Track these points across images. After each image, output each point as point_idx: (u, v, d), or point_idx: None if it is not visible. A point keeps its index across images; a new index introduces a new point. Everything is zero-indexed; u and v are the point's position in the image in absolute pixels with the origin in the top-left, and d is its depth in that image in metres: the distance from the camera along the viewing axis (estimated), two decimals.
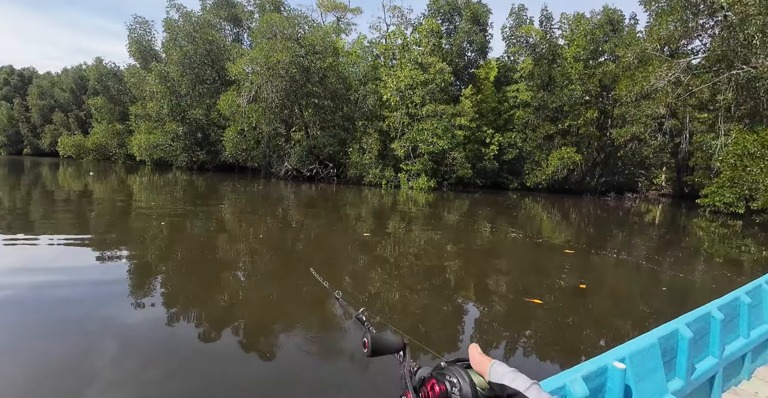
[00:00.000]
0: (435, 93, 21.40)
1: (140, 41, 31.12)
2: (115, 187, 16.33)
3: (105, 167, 29.42)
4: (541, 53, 24.46)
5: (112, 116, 36.45)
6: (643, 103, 20.58)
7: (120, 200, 11.85)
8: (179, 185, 18.12)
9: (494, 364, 0.54)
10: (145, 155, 28.26)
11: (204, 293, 4.25)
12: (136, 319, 3.46)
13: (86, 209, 9.79)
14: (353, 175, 22.34)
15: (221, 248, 6.36)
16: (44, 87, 52.86)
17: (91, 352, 2.84)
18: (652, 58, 19.05)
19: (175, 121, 27.04)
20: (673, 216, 16.93)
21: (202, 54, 25.88)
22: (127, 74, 32.83)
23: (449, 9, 27.56)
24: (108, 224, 7.93)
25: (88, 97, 43.51)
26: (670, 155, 26.52)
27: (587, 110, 23.91)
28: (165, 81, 25.98)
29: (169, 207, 10.66)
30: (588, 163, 25.90)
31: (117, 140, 35.39)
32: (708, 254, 8.40)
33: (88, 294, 4.02)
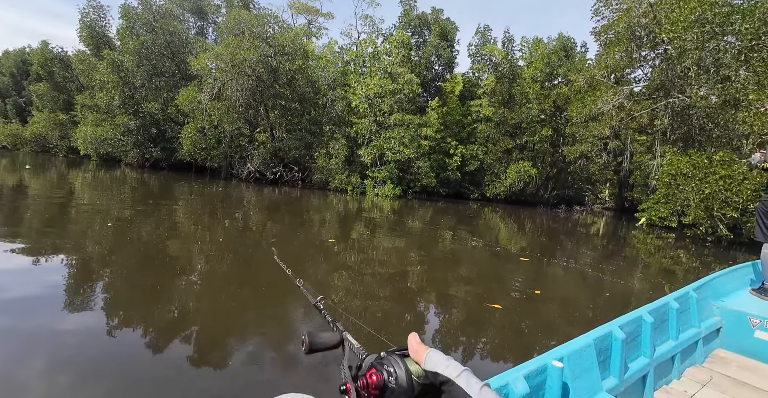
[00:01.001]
0: (403, 103, 21.85)
1: (93, 26, 28.95)
2: (55, 182, 14.94)
3: (44, 161, 26.82)
4: (503, 72, 25.85)
5: (56, 105, 33.44)
6: (591, 124, 22.32)
7: (59, 198, 10.87)
8: (128, 183, 16.93)
9: (430, 353, 0.55)
10: (91, 149, 26.13)
11: (149, 300, 4.02)
12: (71, 328, 3.21)
13: (20, 207, 8.88)
14: (318, 180, 22.10)
15: (171, 254, 6.04)
16: None
17: (20, 365, 2.60)
18: (599, 84, 20.78)
19: (127, 114, 25.31)
20: (615, 228, 18.39)
21: (161, 45, 24.57)
22: (75, 61, 30.33)
23: (419, 23, 28.42)
24: (44, 224, 7.25)
25: (29, 83, 39.56)
26: (613, 172, 28.92)
27: (542, 127, 25.50)
28: (118, 71, 24.31)
29: (116, 207, 9.94)
30: (542, 177, 27.51)
31: (59, 131, 32.48)
32: (645, 263, 9.22)
33: (17, 300, 3.66)
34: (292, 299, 4.29)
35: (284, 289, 4.54)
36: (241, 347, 3.19)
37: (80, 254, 5.25)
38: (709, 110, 16.57)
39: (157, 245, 6.20)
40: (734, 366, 2.58)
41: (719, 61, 14.86)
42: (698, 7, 14.07)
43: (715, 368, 2.55)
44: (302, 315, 3.96)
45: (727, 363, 2.61)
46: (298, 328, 3.64)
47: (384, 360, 0.55)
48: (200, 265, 5.44)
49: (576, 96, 22.90)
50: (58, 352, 2.73)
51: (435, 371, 0.52)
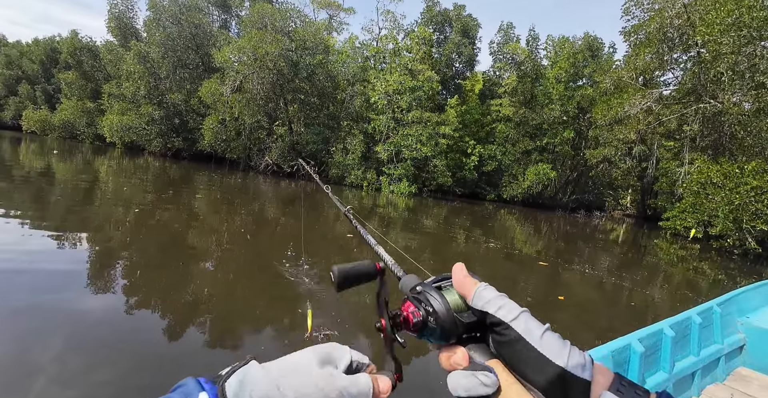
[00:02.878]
0: (422, 100, 21.67)
1: (121, 18, 29.72)
2: (82, 168, 15.43)
3: (71, 147, 27.75)
4: (526, 71, 25.32)
5: (83, 93, 34.50)
6: (616, 127, 21.67)
7: (85, 183, 11.20)
8: (151, 171, 17.35)
9: (480, 288, 0.43)
10: (116, 137, 26.90)
11: (168, 285, 4.08)
12: (91, 307, 3.28)
13: (47, 191, 9.19)
14: (335, 174, 22.18)
15: (190, 242, 6.14)
16: (12, 56, 49.42)
17: (42, 340, 2.66)
18: (627, 86, 20.12)
19: (152, 104, 25.92)
20: (637, 236, 17.86)
21: (186, 37, 25.02)
22: (103, 51, 31.22)
23: (441, 19, 28.09)
24: (68, 208, 7.48)
25: (58, 71, 40.94)
26: (637, 178, 28.06)
27: (564, 129, 24.90)
28: (144, 61, 24.88)
29: (141, 194, 10.19)
30: (561, 180, 26.94)
31: (86, 118, 33.53)
32: (668, 274, 8.91)
33: (42, 280, 3.76)
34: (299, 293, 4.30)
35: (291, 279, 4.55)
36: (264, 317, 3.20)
37: (107, 236, 5.38)
38: (741, 118, 15.85)
39: (179, 230, 6.31)
40: (756, 385, 2.47)
41: (755, 66, 14.19)
42: (735, 10, 13.43)
43: (736, 386, 2.45)
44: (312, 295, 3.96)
45: (749, 382, 2.51)
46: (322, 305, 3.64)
47: (421, 296, 0.46)
48: (219, 255, 5.51)
49: (602, 98, 22.25)
50: (81, 321, 2.79)
51: (485, 311, 0.41)
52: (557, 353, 0.36)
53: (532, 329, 0.38)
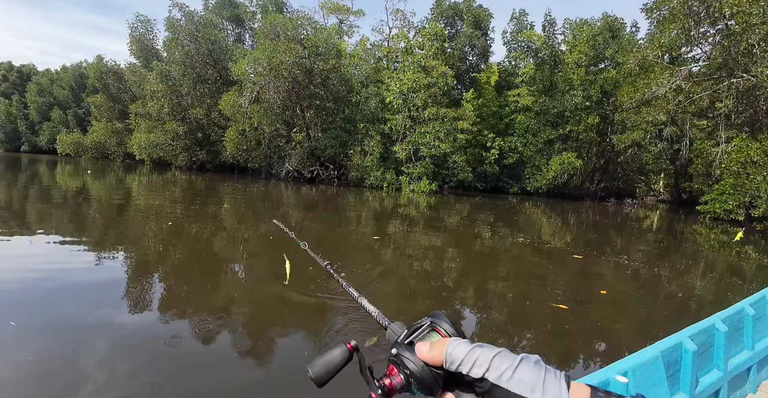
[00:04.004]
0: (437, 96, 21.45)
1: (142, 40, 31.07)
2: (114, 185, 16.19)
3: (103, 166, 29.21)
4: (543, 58, 24.58)
5: (112, 114, 36.30)
6: (644, 109, 20.68)
7: (118, 199, 11.74)
8: (179, 184, 18.00)
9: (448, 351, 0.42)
10: (145, 154, 28.13)
11: (202, 293, 4.18)
12: (132, 318, 3.40)
13: (84, 208, 9.68)
14: (354, 177, 22.30)
15: (222, 249, 6.29)
16: (43, 84, 52.71)
17: (84, 351, 2.78)
18: (653, 65, 19.17)
19: (176, 120, 26.94)
20: (673, 223, 16.98)
21: (204, 54, 25.84)
22: (127, 73, 32.74)
23: (452, 13, 27.72)
24: (105, 223, 7.83)
25: (87, 95, 43.34)
26: (669, 161, 26.68)
27: (588, 115, 24.02)
28: (166, 80, 25.90)
29: (172, 206, 10.56)
30: (588, 168, 25.99)
31: (116, 138, 35.25)
32: (710, 261, 8.40)
33: (84, 293, 3.94)
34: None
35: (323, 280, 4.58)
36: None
37: (140, 250, 5.60)
38: None
39: (207, 241, 6.49)
40: None
41: None
42: None
43: None
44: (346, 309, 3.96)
45: None
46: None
47: (397, 358, 0.46)
48: (246, 263, 5.62)
49: (626, 80, 21.30)
50: (121, 329, 2.91)
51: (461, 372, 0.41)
52: (532, 388, 0.38)
53: (504, 373, 0.39)
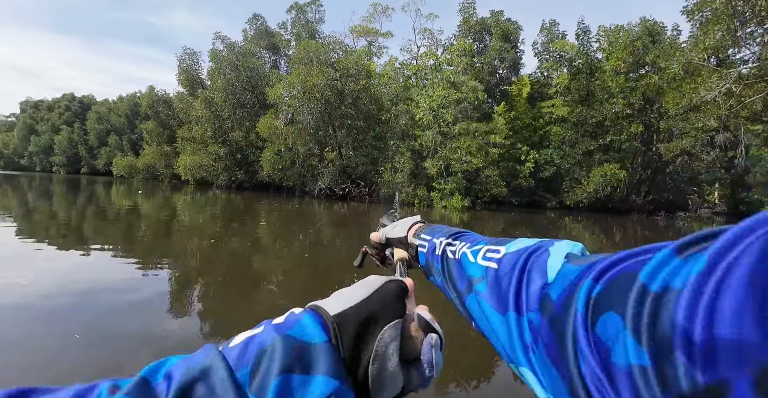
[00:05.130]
0: (467, 111, 21.33)
1: (188, 71, 33.66)
2: (162, 204, 17.27)
3: (153, 186, 31.36)
4: (578, 67, 23.90)
5: (161, 139, 39.22)
6: (692, 115, 19.41)
7: (166, 216, 12.46)
8: (220, 203, 18.89)
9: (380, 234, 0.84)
10: (189, 175, 29.95)
11: (242, 305, 4.25)
12: (162, 332, 3.50)
13: (134, 225, 10.34)
14: (385, 194, 22.39)
15: (256, 266, 6.42)
16: (101, 113, 58.18)
17: (110, 364, 2.87)
18: (699, 69, 18.07)
19: (217, 143, 28.62)
20: None
21: (243, 80, 27.52)
22: (176, 100, 35.46)
23: (480, 28, 27.85)
24: (154, 239, 8.29)
25: (140, 122, 47.32)
26: (724, 170, 24.61)
27: (630, 124, 22.84)
28: (209, 106, 27.73)
29: (212, 223, 11.06)
30: (633, 180, 24.51)
31: (164, 160, 37.91)
32: None
33: (133, 303, 4.12)
34: None
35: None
36: None
37: (189, 264, 5.85)
38: None
39: (247, 256, 6.68)
40: None
41: None
42: None
43: None
44: None
45: None
46: None
47: None
48: (282, 279, 5.69)
49: (671, 85, 20.17)
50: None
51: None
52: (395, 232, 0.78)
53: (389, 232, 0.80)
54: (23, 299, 4.15)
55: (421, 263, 0.67)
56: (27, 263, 5.68)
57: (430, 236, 0.64)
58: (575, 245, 0.40)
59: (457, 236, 0.59)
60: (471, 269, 0.48)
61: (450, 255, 0.55)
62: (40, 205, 14.76)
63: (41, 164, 66.98)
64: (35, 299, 4.18)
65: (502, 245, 0.46)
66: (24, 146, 68.95)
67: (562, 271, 0.34)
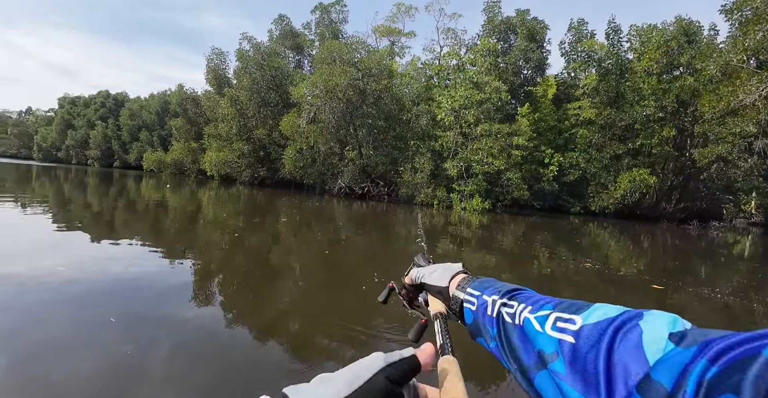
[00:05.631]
0: (490, 112, 21.02)
1: (216, 70, 34.65)
2: (188, 198, 17.86)
3: (180, 180, 32.45)
4: (608, 68, 23.12)
5: (189, 136, 40.56)
6: (729, 120, 18.45)
7: (192, 210, 12.89)
8: (242, 198, 19.36)
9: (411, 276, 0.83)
10: (214, 171, 30.85)
11: (261, 298, 4.35)
12: (190, 319, 3.64)
13: (162, 217, 10.74)
14: (404, 194, 22.36)
15: (277, 260, 6.55)
16: (134, 110, 60.67)
17: (143, 348, 3.04)
18: (737, 71, 17.16)
19: (242, 140, 29.35)
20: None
21: (268, 80, 28.10)
22: (203, 99, 36.57)
23: (504, 28, 27.35)
24: (180, 231, 8.59)
25: (169, 119, 49.10)
26: (763, 178, 23.23)
27: (662, 127, 21.91)
28: (235, 104, 28.47)
29: (235, 218, 11.35)
30: (664, 186, 23.51)
31: (191, 156, 39.19)
32: None
33: (149, 292, 4.30)
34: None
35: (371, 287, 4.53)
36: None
37: (213, 256, 6.04)
38: None
39: (267, 250, 6.83)
40: None
41: None
42: None
43: None
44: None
45: None
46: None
47: None
48: (302, 273, 5.79)
49: (707, 87, 19.24)
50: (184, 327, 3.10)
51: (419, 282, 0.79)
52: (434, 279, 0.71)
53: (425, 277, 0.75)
54: (63, 286, 4.40)
55: (467, 321, 0.59)
56: (64, 251, 6.00)
57: (479, 292, 0.57)
58: (673, 319, 0.36)
59: (513, 294, 0.52)
60: (540, 340, 0.41)
61: (507, 319, 0.48)
62: (75, 196, 15.55)
63: (77, 157, 70.46)
64: (73, 285, 4.42)
65: (575, 314, 0.40)
66: (61, 140, 72.72)
67: (668, 355, 0.31)
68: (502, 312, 0.50)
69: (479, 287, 0.59)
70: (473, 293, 0.58)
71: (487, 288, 0.57)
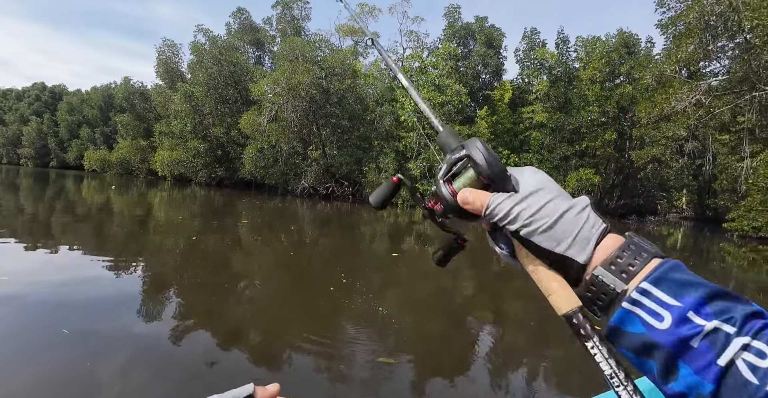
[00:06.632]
0: (451, 114, 21.68)
1: (168, 63, 32.66)
2: (137, 201, 16.74)
3: (127, 181, 30.27)
4: (557, 75, 24.66)
5: (137, 133, 37.91)
6: (663, 124, 20.38)
7: (141, 214, 12.11)
8: (199, 200, 18.46)
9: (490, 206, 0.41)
10: (167, 171, 29.09)
11: (216, 305, 4.24)
12: (146, 330, 3.49)
13: (107, 222, 10.01)
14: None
15: (238, 264, 6.38)
16: (74, 104, 55.73)
17: (98, 360, 2.89)
18: (671, 80, 19.02)
19: (197, 138, 27.92)
20: (698, 240, 16.37)
21: (226, 75, 26.95)
22: (153, 93, 34.34)
23: (464, 33, 28.27)
24: (130, 237, 8.07)
25: (114, 114, 45.56)
26: (692, 177, 25.97)
27: (605, 131, 23.77)
28: (190, 100, 27.02)
29: (191, 221, 10.83)
30: (606, 185, 25.50)
31: (140, 155, 36.67)
32: (740, 281, 8.03)
33: (99, 302, 4.05)
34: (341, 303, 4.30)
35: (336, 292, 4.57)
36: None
37: (156, 263, 5.74)
38: None
39: (226, 256, 6.61)
40: None
41: None
42: None
43: None
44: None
45: None
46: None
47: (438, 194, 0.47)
48: (264, 278, 5.68)
49: (643, 95, 21.12)
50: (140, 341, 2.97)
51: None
52: (558, 241, 0.38)
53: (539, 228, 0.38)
54: (5, 298, 4.02)
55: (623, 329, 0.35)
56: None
57: (677, 300, 0.32)
58: None
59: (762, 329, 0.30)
60: None
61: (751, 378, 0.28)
62: (5, 199, 14.05)
63: (8, 156, 63.62)
64: (14, 298, 4.05)
65: None
66: None
67: None
68: (739, 361, 0.29)
69: (674, 289, 0.33)
70: (663, 299, 0.33)
71: (689, 294, 0.32)
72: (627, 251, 0.37)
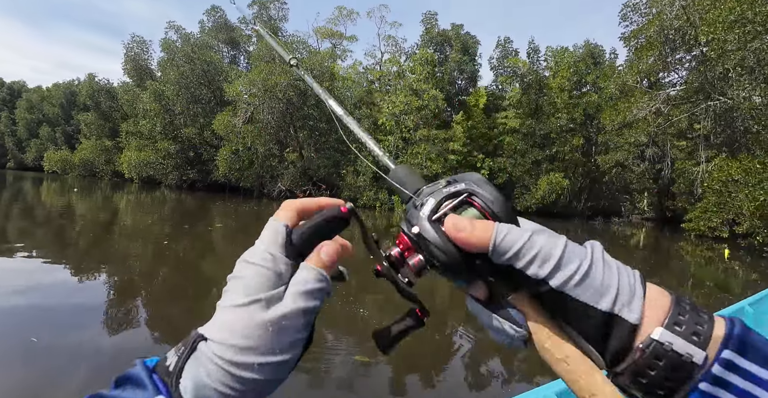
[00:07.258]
0: (428, 118, 22.03)
1: (136, 60, 31.38)
2: (101, 204, 15.94)
3: (90, 184, 28.75)
4: (529, 83, 25.60)
5: (102, 132, 36.08)
6: (626, 131, 21.54)
7: (105, 219, 11.55)
8: (169, 204, 17.79)
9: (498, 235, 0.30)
10: (134, 173, 27.83)
11: (191, 314, 4.14)
12: (112, 341, 3.36)
13: (69, 227, 9.50)
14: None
15: (210, 270, 6.23)
16: (33, 101, 52.42)
17: (62, 372, 2.78)
18: (632, 90, 20.15)
19: (168, 139, 26.90)
20: (659, 240, 17.37)
21: (198, 74, 26.19)
22: (120, 91, 32.84)
23: (441, 40, 28.88)
24: (88, 243, 7.70)
25: (77, 113, 43.13)
26: (653, 180, 27.52)
27: (573, 137, 24.85)
28: (160, 99, 26.03)
29: (160, 226, 10.43)
30: (575, 188, 26.62)
31: (105, 156, 34.89)
32: (696, 277, 8.60)
33: (62, 313, 3.87)
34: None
35: None
36: None
37: (122, 271, 5.50)
38: (754, 112, 15.63)
39: (196, 262, 6.42)
40: None
41: (763, 61, 14.10)
42: (737, 7, 13.50)
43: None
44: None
45: None
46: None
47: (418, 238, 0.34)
48: None
49: (608, 103, 22.27)
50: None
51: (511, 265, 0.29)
52: (602, 294, 0.27)
53: (573, 277, 0.28)
54: None
55: None
56: None
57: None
58: None
59: None
60: None
61: None
62: None
63: None
64: None
65: None
66: None
67: None
68: None
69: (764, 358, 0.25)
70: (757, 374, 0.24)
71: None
72: (683, 305, 0.27)
